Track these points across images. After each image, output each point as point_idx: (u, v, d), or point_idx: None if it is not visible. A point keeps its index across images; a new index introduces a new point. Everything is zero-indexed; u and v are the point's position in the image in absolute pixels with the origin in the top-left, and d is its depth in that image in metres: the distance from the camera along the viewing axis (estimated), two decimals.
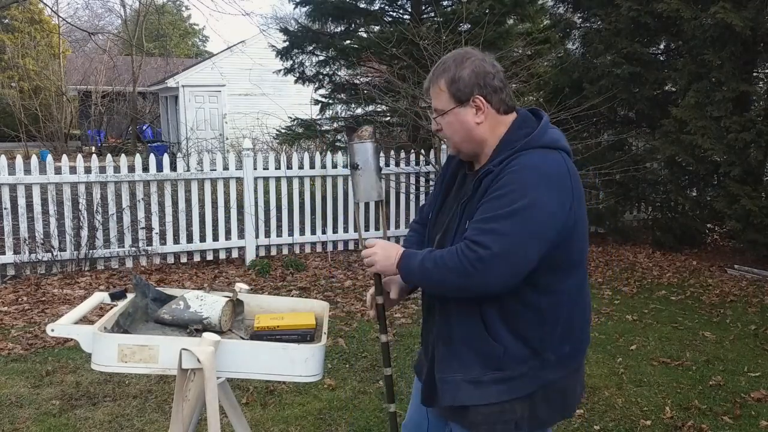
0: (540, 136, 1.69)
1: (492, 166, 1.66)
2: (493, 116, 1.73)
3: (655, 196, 8.20)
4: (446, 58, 1.77)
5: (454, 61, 1.73)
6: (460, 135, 1.75)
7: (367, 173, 1.95)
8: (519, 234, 1.57)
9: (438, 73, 1.74)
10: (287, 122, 10.66)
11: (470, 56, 1.74)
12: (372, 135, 1.93)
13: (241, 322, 2.15)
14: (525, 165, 1.62)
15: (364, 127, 1.95)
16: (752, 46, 6.91)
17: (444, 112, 1.74)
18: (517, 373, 1.69)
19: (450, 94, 1.72)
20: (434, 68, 1.77)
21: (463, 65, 1.72)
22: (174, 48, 33.95)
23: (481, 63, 1.74)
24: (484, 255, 1.57)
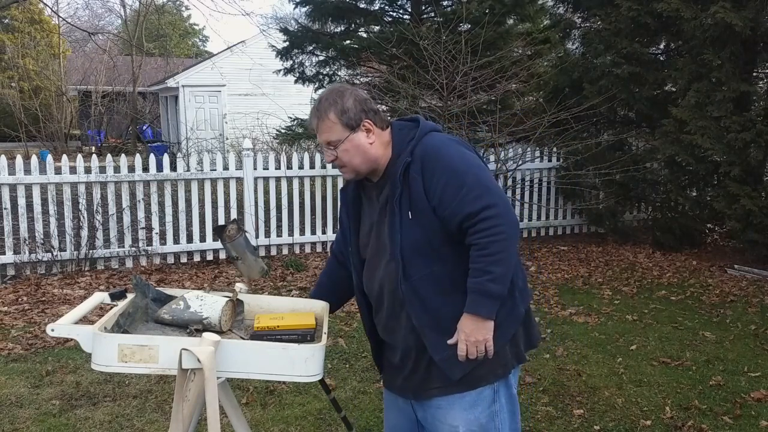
0: (425, 124, 1.97)
1: (406, 158, 1.87)
2: (379, 134, 1.94)
3: (655, 196, 8.19)
4: (324, 94, 1.94)
5: (336, 94, 1.91)
6: (359, 158, 1.92)
7: (246, 261, 2.26)
8: (488, 181, 1.84)
9: (324, 109, 1.90)
10: (287, 122, 10.66)
11: (346, 88, 1.95)
12: (238, 230, 2.19)
13: (241, 322, 2.15)
14: (439, 143, 1.89)
15: (229, 226, 2.19)
16: (752, 46, 6.90)
17: (341, 141, 1.90)
18: (502, 319, 1.89)
19: (342, 123, 1.89)
20: (317, 105, 1.92)
21: (344, 96, 1.90)
22: (174, 48, 33.94)
23: (358, 92, 1.94)
24: (495, 211, 1.79)
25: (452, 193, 1.81)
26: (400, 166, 1.87)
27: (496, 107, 7.26)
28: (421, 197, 1.84)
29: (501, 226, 1.79)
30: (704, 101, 6.78)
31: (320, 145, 1.99)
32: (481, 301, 1.81)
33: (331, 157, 1.94)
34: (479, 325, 1.83)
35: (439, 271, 1.88)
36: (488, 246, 1.79)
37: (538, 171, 8.33)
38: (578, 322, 5.08)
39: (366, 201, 2.05)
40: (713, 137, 6.67)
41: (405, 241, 1.87)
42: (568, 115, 7.36)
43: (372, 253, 2.00)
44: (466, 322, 1.84)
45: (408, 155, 1.88)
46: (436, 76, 6.99)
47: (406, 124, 2.01)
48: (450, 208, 1.82)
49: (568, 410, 3.57)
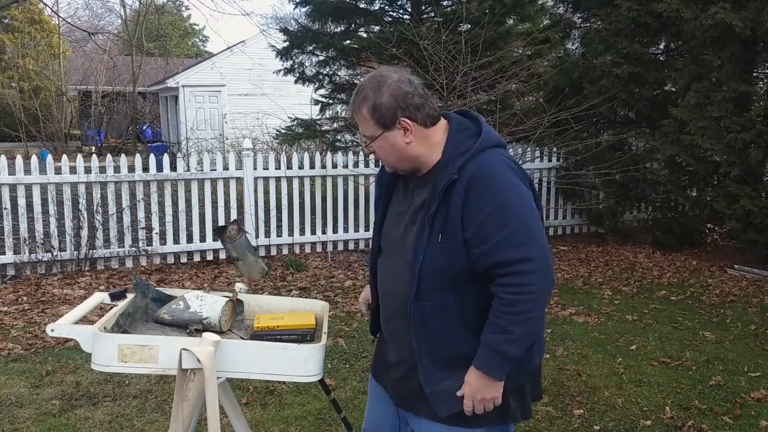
0: (489, 136, 1.75)
1: (452, 174, 1.67)
2: (421, 132, 1.75)
3: (655, 196, 8.19)
4: (363, 85, 1.76)
5: (372, 88, 1.73)
6: (394, 156, 1.78)
7: (247, 261, 2.21)
8: (535, 227, 1.66)
9: (358, 102, 1.75)
10: (287, 122, 10.65)
11: (386, 80, 1.73)
12: (239, 230, 2.15)
13: (241, 322, 2.15)
14: (494, 168, 1.68)
15: (229, 226, 2.16)
16: (752, 46, 6.90)
17: (374, 138, 1.76)
18: (512, 369, 1.72)
19: (374, 121, 1.74)
20: (354, 96, 1.77)
21: (380, 91, 1.72)
22: (174, 48, 33.93)
23: (398, 85, 1.72)
24: (533, 267, 1.62)
25: (492, 231, 1.62)
26: (444, 181, 1.67)
27: (496, 107, 7.25)
28: (457, 223, 1.66)
29: (533, 285, 1.61)
30: (704, 101, 6.78)
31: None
32: (494, 361, 1.65)
33: (369, 150, 1.81)
34: (488, 384, 1.68)
35: (453, 302, 1.71)
36: (514, 304, 1.62)
37: (538, 171, 8.33)
38: (578, 322, 5.07)
39: (402, 187, 1.88)
40: (713, 137, 6.67)
41: (427, 263, 1.69)
42: (568, 115, 7.36)
43: (393, 247, 1.85)
44: (474, 378, 1.68)
45: (455, 171, 1.67)
46: (436, 76, 6.98)
47: (467, 125, 1.79)
48: (484, 246, 1.63)
49: (568, 410, 3.57)
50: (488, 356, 1.65)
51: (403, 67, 1.80)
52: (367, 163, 7.50)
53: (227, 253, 2.16)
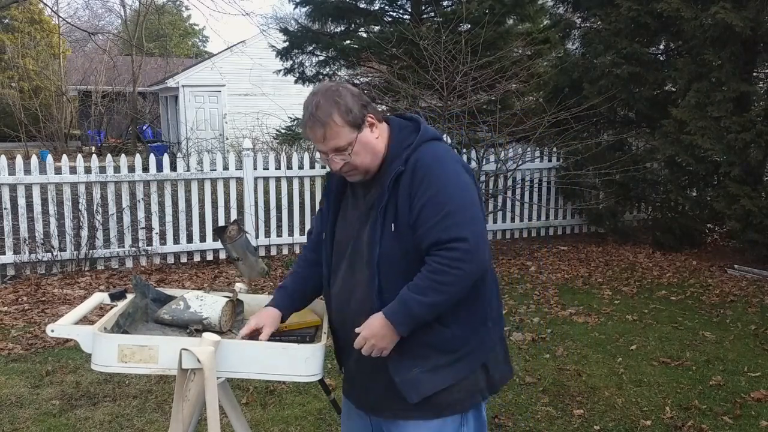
0: (426, 131, 1.85)
1: (399, 166, 1.76)
2: (379, 127, 1.84)
3: (655, 196, 8.20)
4: (320, 98, 1.77)
5: (333, 95, 1.77)
6: (369, 156, 1.81)
7: (247, 261, 2.18)
8: (471, 211, 1.75)
9: (327, 113, 1.75)
10: (287, 122, 10.66)
11: (339, 86, 1.81)
12: (239, 231, 2.16)
13: (241, 322, 2.15)
14: (434, 157, 1.78)
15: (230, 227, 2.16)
16: (752, 46, 6.90)
17: (351, 144, 1.77)
18: (470, 348, 1.82)
19: (349, 125, 1.76)
20: (313, 113, 1.76)
21: (342, 94, 1.77)
22: (174, 48, 33.94)
23: (346, 87, 1.81)
24: (466, 246, 1.69)
25: (430, 214, 1.71)
26: (392, 174, 1.77)
27: (496, 107, 7.25)
28: (405, 211, 1.74)
29: (462, 262, 1.68)
30: (704, 101, 6.78)
31: (323, 154, 1.82)
32: (401, 315, 1.71)
33: (340, 164, 1.80)
34: (387, 333, 1.73)
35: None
36: (438, 273, 1.69)
37: (538, 171, 8.33)
38: (578, 322, 5.07)
39: (351, 195, 1.93)
40: (713, 137, 6.67)
41: (383, 254, 1.76)
42: (568, 115, 7.36)
43: (347, 253, 1.88)
44: (378, 322, 1.73)
45: (402, 163, 1.77)
46: (436, 76, 6.98)
47: (407, 124, 1.89)
48: (424, 228, 1.72)
49: (568, 410, 3.57)
50: (398, 309, 1.71)
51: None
52: None
53: (227, 253, 2.17)
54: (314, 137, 1.79)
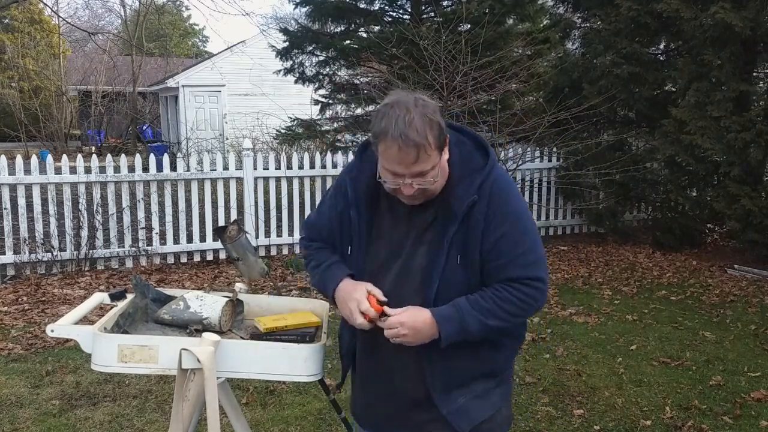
0: (492, 152, 1.71)
1: (473, 194, 1.61)
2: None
3: (655, 196, 8.19)
4: (409, 118, 1.50)
5: (425, 113, 1.53)
6: (442, 179, 1.63)
7: (247, 261, 2.19)
8: (542, 247, 1.72)
9: (420, 136, 1.50)
10: (287, 122, 10.65)
11: (423, 100, 1.57)
12: (239, 230, 2.15)
13: (241, 322, 2.15)
14: (508, 184, 1.68)
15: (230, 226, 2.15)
16: (752, 46, 6.90)
17: (434, 167, 1.57)
18: (507, 374, 1.82)
19: (438, 147, 1.56)
20: (404, 135, 1.49)
21: (433, 111, 1.55)
22: (174, 48, 33.92)
23: (424, 98, 1.58)
24: (543, 287, 1.66)
25: (508, 247, 1.62)
26: (465, 201, 1.60)
27: (496, 107, 7.25)
28: (477, 242, 1.61)
29: (535, 302, 1.65)
30: (704, 101, 6.78)
31: (394, 176, 1.56)
32: (455, 326, 1.60)
33: (413, 190, 1.57)
34: (427, 334, 1.62)
35: None
36: (509, 303, 1.62)
37: (538, 171, 8.33)
38: (578, 322, 5.07)
39: (387, 208, 1.71)
40: (713, 137, 6.67)
41: (443, 286, 1.62)
42: (568, 115, 7.36)
43: (392, 272, 1.69)
44: (423, 317, 1.61)
45: (475, 191, 1.61)
46: (436, 76, 6.98)
47: (462, 139, 1.70)
48: (500, 261, 1.62)
49: (568, 410, 3.57)
50: (453, 317, 1.61)
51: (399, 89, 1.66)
52: None
53: (227, 253, 2.16)
54: (401, 159, 1.52)
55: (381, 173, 1.60)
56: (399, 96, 1.57)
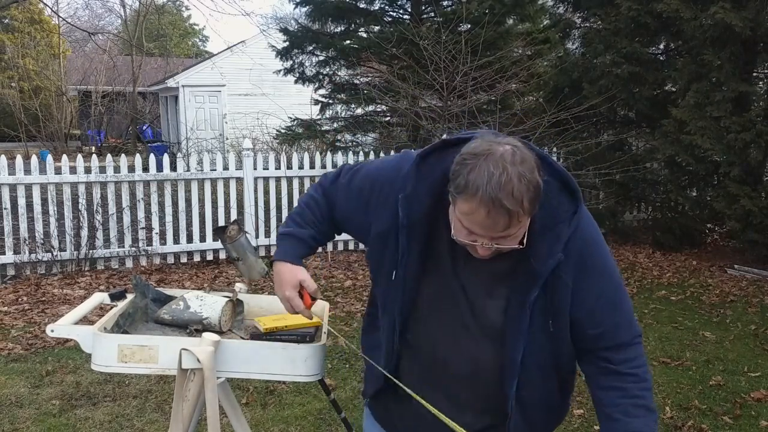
0: (577, 189, 1.42)
1: (558, 253, 1.37)
2: None
3: (655, 196, 8.20)
4: (506, 178, 1.24)
5: (525, 174, 1.26)
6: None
7: (247, 261, 2.18)
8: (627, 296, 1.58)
9: (516, 203, 1.25)
10: (287, 122, 10.66)
11: (527, 153, 1.30)
12: (239, 230, 2.14)
13: (241, 322, 2.15)
14: (592, 235, 1.47)
15: (230, 226, 2.15)
16: (752, 46, 6.90)
17: (522, 230, 1.34)
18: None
19: (531, 211, 1.31)
20: (497, 200, 1.24)
21: (533, 170, 1.28)
22: (174, 48, 33.93)
23: (521, 147, 1.31)
24: (641, 341, 1.53)
25: (609, 311, 1.45)
26: (549, 264, 1.37)
27: (496, 107, 7.26)
28: (565, 306, 1.41)
29: (644, 356, 1.50)
30: (704, 101, 6.78)
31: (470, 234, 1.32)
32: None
33: (489, 252, 1.35)
34: None
35: (552, 385, 1.52)
36: (647, 378, 1.46)
37: None
38: None
39: (446, 239, 1.43)
40: (713, 137, 6.67)
41: (529, 352, 1.43)
42: (568, 115, 7.36)
43: (444, 318, 1.49)
44: None
45: (561, 249, 1.36)
46: (436, 76, 6.99)
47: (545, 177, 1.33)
48: (599, 330, 1.44)
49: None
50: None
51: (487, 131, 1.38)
52: None
53: (227, 253, 2.15)
54: (487, 225, 1.28)
55: (455, 228, 1.35)
56: (491, 144, 1.29)
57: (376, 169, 1.59)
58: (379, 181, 1.53)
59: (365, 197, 1.55)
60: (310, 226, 1.69)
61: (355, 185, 1.60)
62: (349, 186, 1.62)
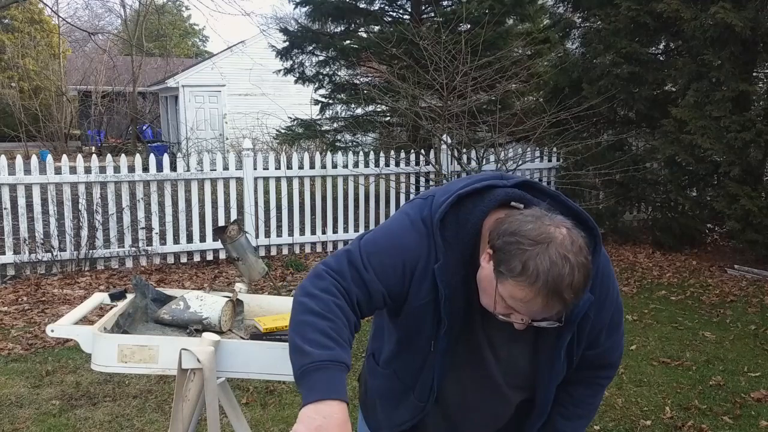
0: (598, 233, 1.41)
1: (589, 293, 1.37)
2: None
3: (655, 196, 8.19)
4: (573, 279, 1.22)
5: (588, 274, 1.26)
6: None
7: (247, 261, 2.13)
8: None
9: (575, 298, 1.26)
10: (287, 122, 10.67)
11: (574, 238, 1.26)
12: (239, 230, 2.09)
13: (241, 322, 2.15)
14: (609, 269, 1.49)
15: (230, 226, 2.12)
16: (752, 46, 6.90)
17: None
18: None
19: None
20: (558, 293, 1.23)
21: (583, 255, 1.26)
22: (174, 48, 33.91)
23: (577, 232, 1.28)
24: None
25: (608, 335, 1.51)
26: (582, 309, 1.38)
27: (496, 107, 7.26)
28: (586, 337, 1.46)
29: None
30: (704, 101, 6.78)
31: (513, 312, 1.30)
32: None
33: (525, 326, 1.34)
34: None
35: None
36: (600, 394, 1.60)
37: (538, 171, 8.33)
38: None
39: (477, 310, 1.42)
40: (713, 137, 6.67)
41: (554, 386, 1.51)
42: (568, 115, 7.36)
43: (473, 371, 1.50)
44: None
45: (588, 290, 1.35)
46: (436, 76, 6.98)
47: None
48: (600, 349, 1.50)
49: None
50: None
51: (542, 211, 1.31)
52: (366, 163, 7.50)
53: (227, 253, 2.15)
54: (537, 310, 1.27)
55: (495, 302, 1.31)
56: (549, 227, 1.25)
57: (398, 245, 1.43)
58: (409, 257, 1.41)
59: (400, 274, 1.42)
60: (347, 342, 1.40)
61: (387, 265, 1.42)
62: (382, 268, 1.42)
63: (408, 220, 1.44)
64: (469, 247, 1.38)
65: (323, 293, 1.38)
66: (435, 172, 7.58)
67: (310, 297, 1.39)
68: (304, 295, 1.40)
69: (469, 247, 1.38)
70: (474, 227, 1.36)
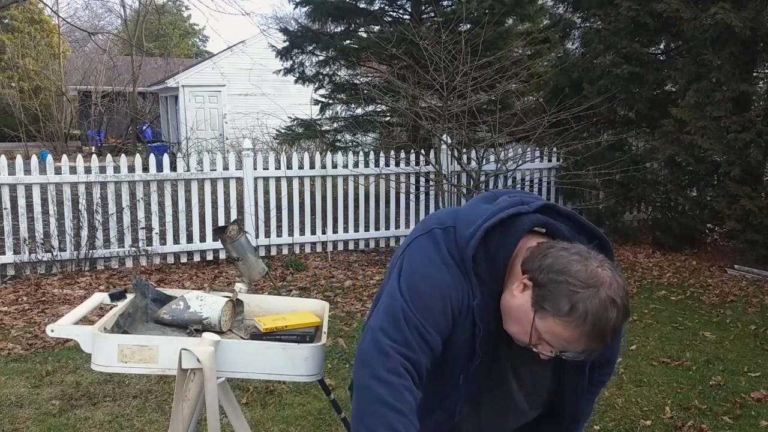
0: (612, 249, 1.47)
1: None
2: None
3: (655, 196, 8.19)
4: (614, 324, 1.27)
5: (627, 316, 1.31)
6: None
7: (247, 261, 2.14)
8: None
9: (614, 339, 1.31)
10: (287, 122, 10.66)
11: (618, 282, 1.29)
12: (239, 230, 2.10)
13: (241, 322, 2.15)
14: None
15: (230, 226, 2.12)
16: (752, 46, 6.90)
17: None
18: None
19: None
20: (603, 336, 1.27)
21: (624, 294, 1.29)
22: (174, 48, 33.90)
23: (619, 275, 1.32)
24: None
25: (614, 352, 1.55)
26: None
27: (496, 107, 7.25)
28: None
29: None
30: (704, 101, 6.79)
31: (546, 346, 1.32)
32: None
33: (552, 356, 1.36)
34: None
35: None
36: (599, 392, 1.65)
37: (538, 171, 8.33)
38: None
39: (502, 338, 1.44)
40: (713, 137, 6.67)
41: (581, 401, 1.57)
42: (568, 115, 7.35)
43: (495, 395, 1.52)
44: None
45: None
46: (436, 76, 6.98)
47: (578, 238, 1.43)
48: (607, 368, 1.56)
49: None
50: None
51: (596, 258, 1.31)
52: (366, 163, 7.50)
53: (227, 253, 2.15)
54: (574, 347, 1.30)
55: (531, 335, 1.32)
56: (599, 270, 1.27)
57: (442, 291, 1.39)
58: (452, 298, 1.39)
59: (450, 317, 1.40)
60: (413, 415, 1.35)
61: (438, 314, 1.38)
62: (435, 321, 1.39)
63: (438, 257, 1.40)
64: (500, 281, 1.40)
65: (394, 376, 1.32)
66: (435, 172, 7.57)
67: (380, 382, 1.32)
68: (373, 378, 1.33)
69: (500, 280, 1.40)
70: (504, 261, 1.38)
